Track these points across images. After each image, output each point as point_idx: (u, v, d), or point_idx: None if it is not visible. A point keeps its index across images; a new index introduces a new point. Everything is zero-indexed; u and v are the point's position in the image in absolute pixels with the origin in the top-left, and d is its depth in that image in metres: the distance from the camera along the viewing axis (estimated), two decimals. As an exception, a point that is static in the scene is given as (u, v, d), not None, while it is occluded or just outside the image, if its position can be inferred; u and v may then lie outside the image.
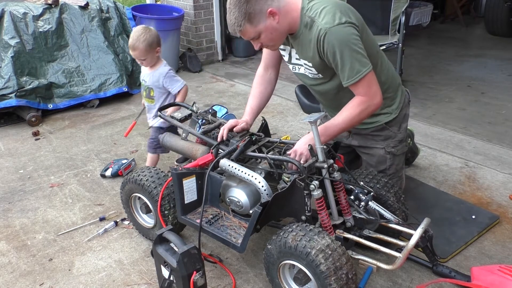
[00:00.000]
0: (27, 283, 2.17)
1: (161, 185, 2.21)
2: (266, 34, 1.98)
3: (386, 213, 2.00)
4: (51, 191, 2.94)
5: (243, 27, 1.95)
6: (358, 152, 2.49)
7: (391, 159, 2.35)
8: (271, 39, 2.02)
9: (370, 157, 2.39)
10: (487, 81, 4.75)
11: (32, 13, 4.20)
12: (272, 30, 1.97)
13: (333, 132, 2.03)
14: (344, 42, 1.89)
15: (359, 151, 2.47)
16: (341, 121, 2.03)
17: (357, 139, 2.41)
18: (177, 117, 2.56)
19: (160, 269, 1.92)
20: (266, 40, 2.02)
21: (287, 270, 1.92)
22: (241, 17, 1.92)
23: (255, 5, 1.90)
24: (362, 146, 2.41)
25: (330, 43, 1.90)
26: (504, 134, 3.55)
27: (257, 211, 1.90)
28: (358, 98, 2.01)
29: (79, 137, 3.70)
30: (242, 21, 1.93)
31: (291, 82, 4.81)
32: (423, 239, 1.90)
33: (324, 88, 2.24)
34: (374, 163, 2.37)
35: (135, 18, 4.87)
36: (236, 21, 1.94)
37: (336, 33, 1.88)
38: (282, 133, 3.68)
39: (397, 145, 2.35)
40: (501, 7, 6.27)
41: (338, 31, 1.88)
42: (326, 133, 2.01)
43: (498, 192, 2.79)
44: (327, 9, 1.92)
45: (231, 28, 2.00)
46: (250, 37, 2.01)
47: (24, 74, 4.02)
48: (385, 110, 2.27)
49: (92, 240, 2.46)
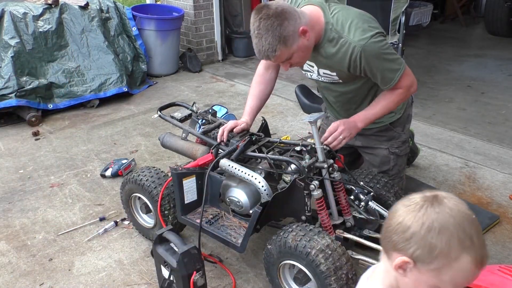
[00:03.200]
0: (27, 283, 2.17)
1: (161, 185, 2.21)
2: (298, 53, 1.90)
3: (386, 213, 2.00)
4: (51, 191, 2.94)
5: (278, 52, 1.82)
6: (361, 153, 2.49)
7: (394, 160, 2.35)
8: (302, 57, 1.95)
9: (374, 157, 2.39)
10: (487, 81, 4.75)
11: (32, 13, 4.20)
12: (304, 48, 1.90)
13: (371, 118, 2.07)
14: (380, 55, 1.91)
15: (362, 151, 2.47)
16: (379, 110, 2.05)
17: (361, 140, 2.40)
18: (177, 117, 2.56)
19: (160, 269, 1.92)
20: (297, 59, 1.93)
21: (287, 270, 1.92)
22: (276, 41, 1.80)
23: (288, 27, 1.79)
24: (366, 147, 2.41)
25: (367, 59, 1.89)
26: (504, 134, 3.55)
27: (257, 211, 1.90)
28: (395, 91, 2.03)
29: (79, 137, 3.70)
30: (277, 46, 1.80)
31: (291, 82, 4.81)
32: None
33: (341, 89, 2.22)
34: (378, 164, 2.37)
35: (135, 18, 4.87)
36: (270, 46, 1.81)
37: (372, 49, 1.88)
38: (282, 133, 3.68)
39: (401, 145, 2.35)
40: (501, 7, 6.27)
41: (373, 46, 1.88)
42: (365, 119, 2.04)
43: (498, 192, 2.79)
44: (354, 23, 1.90)
45: (262, 54, 1.86)
46: (282, 60, 1.92)
47: (24, 74, 4.01)
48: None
49: (92, 240, 2.46)
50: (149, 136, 3.69)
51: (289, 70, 2.35)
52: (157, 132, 3.71)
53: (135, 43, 4.82)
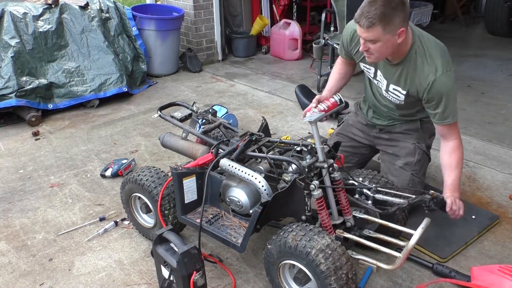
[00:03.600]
0: (27, 283, 2.17)
1: (161, 185, 2.21)
2: (382, 44, 1.99)
3: (395, 198, 2.01)
4: (51, 191, 2.94)
5: (373, 27, 1.92)
6: (383, 148, 2.56)
7: (420, 154, 2.41)
8: (381, 52, 2.03)
9: (399, 149, 2.46)
10: (487, 81, 4.75)
11: (32, 13, 4.20)
12: (389, 45, 2.00)
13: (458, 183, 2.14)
14: (451, 91, 2.08)
15: (385, 145, 2.54)
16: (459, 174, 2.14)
17: (388, 134, 2.53)
18: (177, 117, 2.56)
19: (160, 269, 1.92)
20: (377, 49, 2.01)
21: (287, 270, 1.92)
22: (380, 17, 1.90)
23: (399, 17, 1.92)
24: (391, 140, 2.51)
25: (440, 88, 2.08)
26: (504, 134, 3.55)
27: (257, 211, 1.90)
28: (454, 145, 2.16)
29: (79, 137, 3.70)
30: (378, 22, 1.90)
31: (291, 82, 4.82)
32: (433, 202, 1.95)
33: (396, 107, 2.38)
34: (403, 154, 2.43)
35: (135, 18, 4.87)
36: (373, 16, 1.90)
37: (449, 81, 2.06)
38: (282, 133, 3.68)
39: (426, 149, 2.46)
40: (501, 7, 6.27)
41: (450, 79, 2.07)
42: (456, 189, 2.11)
43: (498, 192, 2.79)
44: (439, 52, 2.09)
45: (361, 16, 1.95)
46: (367, 38, 1.99)
47: (24, 74, 4.01)
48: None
49: (92, 240, 2.46)
50: (149, 136, 3.69)
51: (289, 70, 2.37)
52: (157, 132, 3.72)
53: (135, 43, 4.82)
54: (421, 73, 2.10)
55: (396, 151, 2.47)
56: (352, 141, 2.66)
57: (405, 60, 2.13)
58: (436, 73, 2.05)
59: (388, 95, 2.32)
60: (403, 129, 2.46)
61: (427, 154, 2.48)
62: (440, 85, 2.06)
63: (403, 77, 2.18)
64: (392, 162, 2.45)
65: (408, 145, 2.44)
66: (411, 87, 2.17)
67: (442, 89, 2.06)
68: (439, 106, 2.10)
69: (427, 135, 2.47)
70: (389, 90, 2.28)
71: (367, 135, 2.62)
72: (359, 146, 2.65)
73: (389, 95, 2.31)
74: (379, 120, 2.53)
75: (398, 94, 2.25)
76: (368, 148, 2.65)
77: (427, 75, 2.07)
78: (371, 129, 2.60)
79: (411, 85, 2.16)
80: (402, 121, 2.45)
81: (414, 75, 2.13)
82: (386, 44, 1.99)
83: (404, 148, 2.44)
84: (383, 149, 2.56)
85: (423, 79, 2.09)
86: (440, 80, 2.05)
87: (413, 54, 2.10)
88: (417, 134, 2.45)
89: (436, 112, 2.13)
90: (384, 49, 2.01)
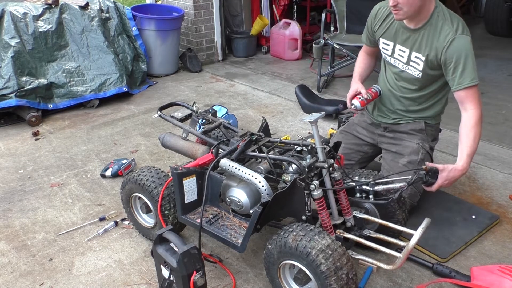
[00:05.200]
0: (27, 283, 2.17)
1: (161, 185, 2.21)
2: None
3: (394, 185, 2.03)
4: (51, 191, 2.94)
5: None
6: (386, 146, 2.56)
7: (423, 154, 2.43)
8: (410, 4, 2.10)
9: (402, 148, 2.48)
10: (487, 81, 4.75)
11: (32, 13, 4.20)
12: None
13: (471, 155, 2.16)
14: (470, 53, 2.13)
15: (389, 143, 2.55)
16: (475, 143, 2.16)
17: (392, 133, 2.55)
18: (178, 117, 2.56)
19: (160, 269, 1.92)
20: (405, 2, 2.10)
21: (287, 270, 1.92)
22: None
23: None
24: (395, 138, 2.53)
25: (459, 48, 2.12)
26: (504, 134, 3.55)
27: (258, 211, 1.90)
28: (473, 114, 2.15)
29: (79, 137, 3.70)
30: None
31: (291, 82, 4.82)
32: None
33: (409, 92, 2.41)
34: (407, 153, 2.45)
35: (135, 18, 4.87)
36: None
37: (467, 43, 2.14)
38: (282, 133, 3.68)
39: (429, 149, 2.48)
40: (501, 7, 6.27)
41: (468, 42, 2.14)
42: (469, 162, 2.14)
43: (498, 192, 2.79)
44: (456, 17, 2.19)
45: None
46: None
47: (24, 74, 4.01)
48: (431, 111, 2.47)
49: (92, 240, 2.46)
50: (149, 136, 3.69)
51: (289, 70, 2.38)
52: (157, 132, 3.72)
53: (135, 43, 4.82)
54: (441, 32, 2.17)
55: (399, 150, 2.48)
56: (356, 138, 2.68)
57: (427, 23, 2.20)
58: (456, 33, 2.13)
59: (408, 68, 2.34)
60: (408, 128, 2.48)
61: (430, 155, 2.49)
62: (459, 44, 2.12)
63: (424, 41, 2.23)
64: (395, 160, 2.46)
65: (412, 144, 2.45)
66: (431, 50, 2.21)
67: (461, 48, 2.12)
68: (458, 67, 2.13)
69: (430, 138, 2.50)
70: (411, 60, 2.31)
71: (372, 133, 2.64)
72: (362, 144, 2.67)
73: (409, 67, 2.34)
74: (385, 118, 2.55)
75: (418, 62, 2.28)
76: (372, 147, 2.67)
77: (446, 34, 2.14)
78: (375, 127, 2.62)
79: (430, 48, 2.21)
80: (408, 118, 2.48)
81: (434, 37, 2.19)
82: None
83: (407, 147, 2.46)
84: (386, 147, 2.57)
85: (442, 38, 2.16)
86: (459, 40, 2.12)
87: (435, 16, 2.18)
88: (421, 135, 2.46)
89: (454, 75, 2.15)
90: (412, 1, 2.08)
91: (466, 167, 2.11)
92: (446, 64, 2.17)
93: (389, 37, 2.39)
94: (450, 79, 2.19)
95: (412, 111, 2.46)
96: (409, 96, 2.43)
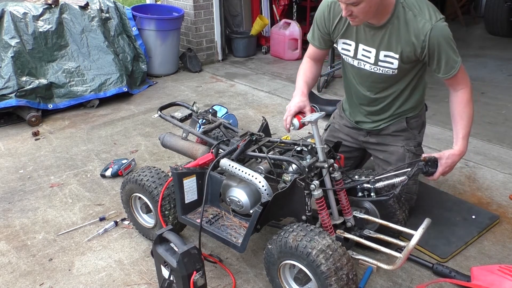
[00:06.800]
0: (27, 283, 2.17)
1: (161, 185, 2.21)
2: (365, 4, 1.86)
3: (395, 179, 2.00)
4: (51, 191, 2.94)
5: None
6: (373, 152, 2.49)
7: (410, 158, 2.34)
8: (366, 12, 1.90)
9: (389, 155, 2.39)
10: (487, 81, 4.75)
11: (32, 13, 4.20)
12: (373, 3, 1.88)
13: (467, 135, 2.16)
14: (448, 40, 1.99)
15: (374, 150, 2.47)
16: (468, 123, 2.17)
17: (376, 138, 2.45)
18: (178, 117, 2.56)
19: (160, 269, 1.92)
20: (360, 10, 1.89)
21: (287, 270, 1.92)
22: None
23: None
24: (380, 144, 2.43)
25: (437, 38, 1.96)
26: (504, 134, 3.55)
27: (258, 211, 1.90)
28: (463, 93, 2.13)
29: (79, 137, 3.70)
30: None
31: (291, 82, 4.81)
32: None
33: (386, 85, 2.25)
34: (394, 161, 2.36)
35: (135, 18, 4.87)
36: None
37: (443, 30, 1.97)
38: (282, 133, 3.68)
39: (416, 146, 2.40)
40: (501, 7, 6.27)
41: (444, 28, 1.97)
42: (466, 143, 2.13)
43: (498, 192, 2.79)
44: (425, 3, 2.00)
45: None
46: (348, 1, 1.87)
47: (24, 74, 4.01)
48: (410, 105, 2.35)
49: (92, 240, 2.46)
50: (149, 136, 3.69)
51: (289, 70, 2.36)
52: (157, 132, 3.72)
53: (135, 43, 4.82)
54: (414, 25, 1.97)
55: (386, 157, 2.40)
56: (343, 147, 2.45)
57: (392, 18, 2.00)
58: (431, 21, 1.95)
59: (378, 69, 2.15)
60: (391, 131, 2.38)
61: (419, 154, 2.38)
62: (439, 33, 1.95)
63: (394, 38, 2.03)
64: (384, 168, 2.39)
65: (397, 149, 2.36)
66: (405, 46, 2.03)
67: (441, 36, 1.96)
68: (442, 57, 2.01)
69: (416, 131, 2.39)
70: (380, 60, 2.12)
71: (355, 139, 2.52)
72: (350, 151, 2.56)
73: (380, 68, 2.14)
74: (365, 123, 2.43)
75: (391, 61, 2.10)
76: (360, 150, 2.58)
77: (422, 26, 1.96)
78: (358, 132, 2.50)
79: (405, 44, 2.02)
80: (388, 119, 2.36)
81: (406, 31, 2.00)
82: (369, 3, 1.87)
83: (393, 153, 2.37)
84: (373, 153, 2.50)
85: (418, 31, 1.97)
86: (437, 28, 1.95)
87: (400, 9, 1.98)
88: (405, 134, 2.37)
89: (440, 65, 2.03)
90: (368, 8, 1.89)
91: (463, 150, 2.09)
92: (429, 56, 2.02)
93: (350, 37, 2.15)
94: (435, 68, 2.07)
95: (391, 109, 2.32)
96: (383, 95, 2.27)
